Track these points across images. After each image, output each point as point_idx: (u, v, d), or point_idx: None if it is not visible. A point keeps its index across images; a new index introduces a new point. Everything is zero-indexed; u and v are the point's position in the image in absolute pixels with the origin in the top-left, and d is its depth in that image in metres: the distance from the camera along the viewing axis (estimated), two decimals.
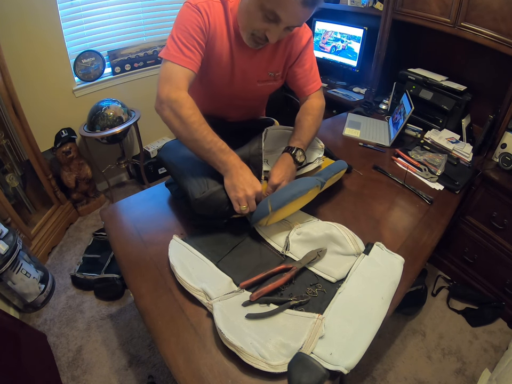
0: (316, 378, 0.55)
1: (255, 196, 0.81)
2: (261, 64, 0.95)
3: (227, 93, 0.99)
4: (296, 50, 0.96)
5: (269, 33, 0.79)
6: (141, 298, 0.73)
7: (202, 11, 0.81)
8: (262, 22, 0.77)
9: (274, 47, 0.93)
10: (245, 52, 0.90)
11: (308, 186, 0.84)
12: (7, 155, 1.65)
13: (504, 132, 1.33)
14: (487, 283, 1.53)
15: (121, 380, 1.30)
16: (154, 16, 2.12)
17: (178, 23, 0.82)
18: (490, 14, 1.27)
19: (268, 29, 0.78)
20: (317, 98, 1.04)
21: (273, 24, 0.76)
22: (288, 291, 0.73)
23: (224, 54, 0.89)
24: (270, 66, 0.97)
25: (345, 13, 2.07)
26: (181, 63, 0.80)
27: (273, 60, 0.96)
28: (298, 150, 0.93)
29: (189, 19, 0.81)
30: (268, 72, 0.98)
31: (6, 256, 1.33)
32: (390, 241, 0.88)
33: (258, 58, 0.93)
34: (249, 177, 0.81)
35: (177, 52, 0.80)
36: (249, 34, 0.82)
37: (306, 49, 0.98)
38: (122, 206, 1.02)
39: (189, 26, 0.80)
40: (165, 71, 0.81)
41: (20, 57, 1.67)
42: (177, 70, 0.80)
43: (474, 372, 1.33)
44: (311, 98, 1.03)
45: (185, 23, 0.81)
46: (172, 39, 0.81)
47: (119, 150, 2.21)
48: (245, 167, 0.83)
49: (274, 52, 0.94)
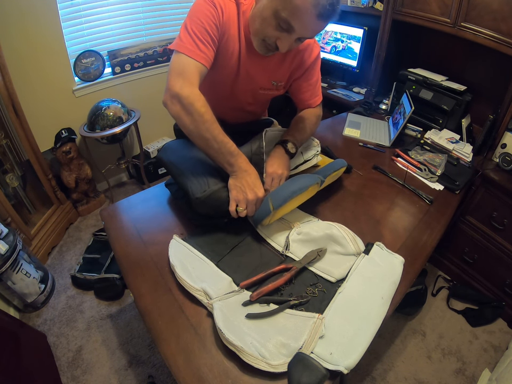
0: (316, 378, 0.55)
1: (255, 201, 0.81)
2: (266, 71, 0.94)
3: (227, 95, 0.99)
4: (305, 64, 0.96)
5: (280, 42, 0.78)
6: (141, 298, 0.73)
7: (218, 7, 0.80)
8: (274, 30, 0.76)
9: (281, 57, 0.93)
10: (252, 57, 0.89)
11: (308, 183, 0.84)
12: (7, 155, 1.65)
13: (504, 132, 1.34)
14: (487, 283, 1.53)
15: (121, 379, 1.30)
16: (154, 16, 2.12)
17: (193, 16, 0.79)
18: (490, 14, 1.27)
19: (279, 38, 0.77)
20: (316, 109, 1.07)
21: (285, 34, 0.76)
22: (288, 291, 0.73)
23: (232, 54, 0.88)
24: (274, 76, 0.96)
25: (345, 13, 2.07)
26: (195, 58, 0.77)
27: (278, 69, 0.95)
28: (289, 142, 0.94)
29: (205, 13, 0.79)
30: (272, 81, 0.97)
31: (6, 256, 1.33)
32: (390, 241, 0.88)
33: (264, 66, 0.93)
34: (253, 182, 0.81)
35: (192, 45, 0.77)
36: (260, 40, 0.81)
37: (315, 65, 0.98)
38: (122, 206, 1.02)
39: (204, 20, 0.78)
40: (178, 64, 0.78)
41: (20, 57, 1.67)
42: (191, 64, 0.78)
43: (474, 372, 1.33)
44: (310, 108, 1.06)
45: (200, 16, 0.78)
46: (186, 31, 0.78)
47: (119, 150, 2.20)
48: (252, 170, 0.83)
49: (281, 62, 0.94)
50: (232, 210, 0.81)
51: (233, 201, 0.81)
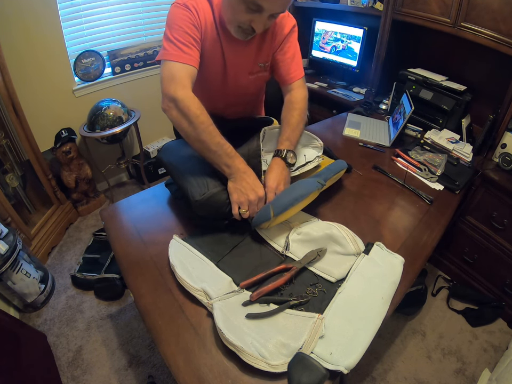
0: (316, 378, 0.55)
1: (257, 201, 0.81)
2: (250, 56, 0.96)
3: (221, 90, 1.00)
4: (280, 38, 0.97)
5: (255, 24, 0.80)
6: (141, 298, 0.73)
7: (192, 8, 0.82)
8: (245, 14, 0.77)
9: (261, 38, 0.94)
10: (234, 46, 0.91)
11: (309, 190, 0.84)
12: (7, 155, 1.65)
13: (504, 132, 1.33)
14: (487, 283, 1.53)
15: (121, 379, 1.30)
16: (154, 16, 2.12)
17: (171, 24, 0.82)
18: (490, 14, 1.27)
19: (252, 20, 0.79)
20: (300, 88, 1.01)
21: (257, 14, 0.77)
22: (288, 291, 0.73)
23: (215, 50, 0.90)
24: (259, 57, 0.98)
25: (345, 13, 2.07)
26: (181, 61, 0.79)
27: (261, 50, 0.96)
28: (288, 152, 0.91)
29: (181, 17, 0.81)
30: (258, 63, 0.98)
31: (6, 256, 1.33)
32: (390, 241, 0.88)
33: (248, 51, 0.94)
34: (253, 182, 0.82)
35: (176, 50, 0.80)
36: (236, 27, 0.83)
37: (289, 37, 0.98)
38: (122, 206, 1.02)
39: (183, 24, 0.81)
40: (167, 71, 0.80)
41: (20, 57, 1.67)
42: (179, 68, 0.80)
43: (474, 372, 1.33)
44: (294, 88, 1.01)
45: (178, 22, 0.81)
46: (167, 40, 0.81)
47: (119, 150, 2.21)
48: (250, 171, 0.83)
49: (261, 42, 0.95)
50: (236, 213, 0.81)
51: (236, 204, 0.81)
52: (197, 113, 0.77)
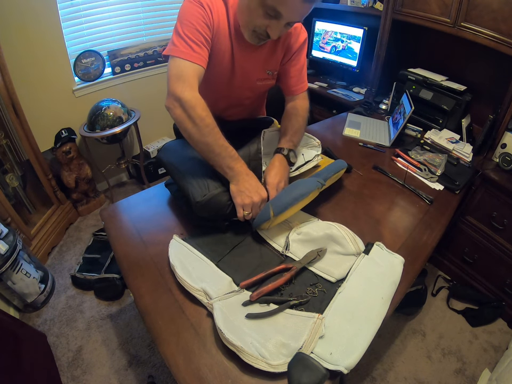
0: (316, 378, 0.55)
1: (261, 203, 0.82)
2: (259, 62, 0.95)
3: (225, 91, 0.99)
4: (292, 49, 0.97)
5: (270, 30, 0.79)
6: (141, 298, 0.73)
7: (206, 6, 0.80)
8: (263, 19, 0.77)
9: (272, 45, 0.94)
10: (245, 50, 0.90)
11: (309, 189, 0.84)
12: (7, 155, 1.65)
13: (504, 132, 1.34)
14: (487, 283, 1.53)
15: (121, 379, 1.30)
16: (154, 16, 2.12)
17: (183, 19, 0.80)
18: (490, 14, 1.27)
19: (269, 25, 0.78)
20: (304, 99, 1.06)
21: (274, 21, 0.76)
22: (288, 291, 0.73)
23: (225, 51, 0.89)
24: (268, 65, 0.97)
25: (345, 13, 2.07)
26: (191, 59, 0.79)
27: (271, 58, 0.96)
28: (291, 151, 0.95)
29: (194, 14, 0.79)
30: (266, 70, 0.98)
31: (6, 256, 1.33)
32: (390, 241, 0.88)
33: (258, 56, 0.94)
34: (255, 184, 0.82)
35: (186, 48, 0.78)
36: (251, 31, 0.82)
37: (301, 50, 0.99)
38: (122, 206, 1.02)
39: (195, 21, 0.79)
40: (175, 68, 0.79)
41: (20, 57, 1.67)
42: (188, 66, 0.79)
43: (474, 372, 1.33)
44: (298, 99, 1.05)
45: (190, 18, 0.79)
46: (178, 35, 0.79)
47: (119, 150, 2.20)
48: (251, 174, 0.84)
49: (273, 49, 0.95)
50: (241, 216, 0.82)
51: (240, 207, 0.81)
52: (202, 115, 0.77)
